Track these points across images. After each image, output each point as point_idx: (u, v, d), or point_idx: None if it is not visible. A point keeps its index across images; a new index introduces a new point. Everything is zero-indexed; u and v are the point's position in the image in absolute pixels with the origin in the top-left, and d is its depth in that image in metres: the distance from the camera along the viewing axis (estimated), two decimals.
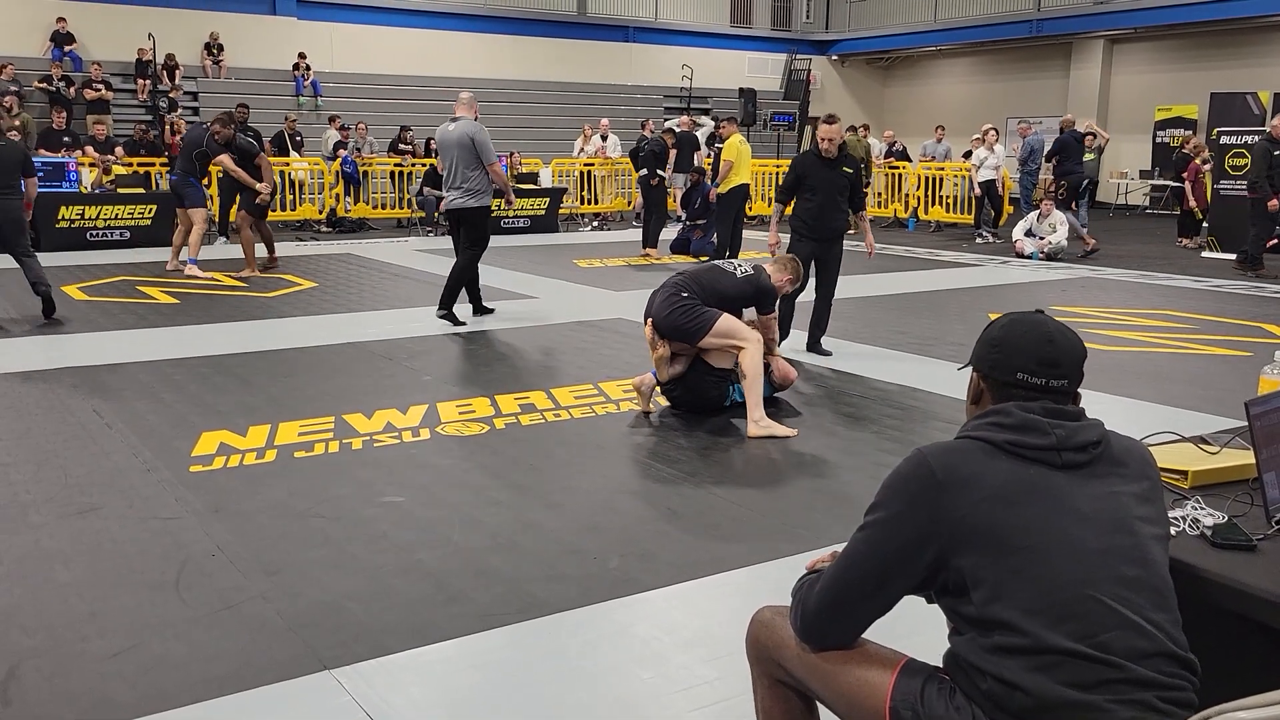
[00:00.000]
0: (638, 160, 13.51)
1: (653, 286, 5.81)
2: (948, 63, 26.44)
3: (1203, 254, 13.73)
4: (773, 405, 5.65)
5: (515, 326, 8.04)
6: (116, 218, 12.78)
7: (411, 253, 12.94)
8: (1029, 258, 13.03)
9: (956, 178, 17.40)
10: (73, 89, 16.62)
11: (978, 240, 15.18)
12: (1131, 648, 1.58)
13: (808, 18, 26.96)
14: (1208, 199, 14.54)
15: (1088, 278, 11.43)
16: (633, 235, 15.07)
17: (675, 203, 14.46)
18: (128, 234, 12.84)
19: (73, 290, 9.38)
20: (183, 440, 4.92)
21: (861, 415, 5.63)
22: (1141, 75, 22.22)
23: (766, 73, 25.48)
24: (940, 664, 1.75)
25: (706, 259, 10.67)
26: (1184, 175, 15.41)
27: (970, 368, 1.85)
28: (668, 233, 13.78)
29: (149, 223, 12.98)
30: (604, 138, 18.06)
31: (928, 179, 17.50)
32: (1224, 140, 13.95)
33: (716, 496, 4.30)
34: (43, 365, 6.43)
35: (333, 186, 16.02)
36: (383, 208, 16.47)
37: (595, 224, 17.32)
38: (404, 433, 5.12)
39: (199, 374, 6.28)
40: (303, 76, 19.38)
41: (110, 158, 14.23)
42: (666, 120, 19.80)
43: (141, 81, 17.84)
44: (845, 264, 7.16)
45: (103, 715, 2.61)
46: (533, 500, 4.22)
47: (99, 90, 16.71)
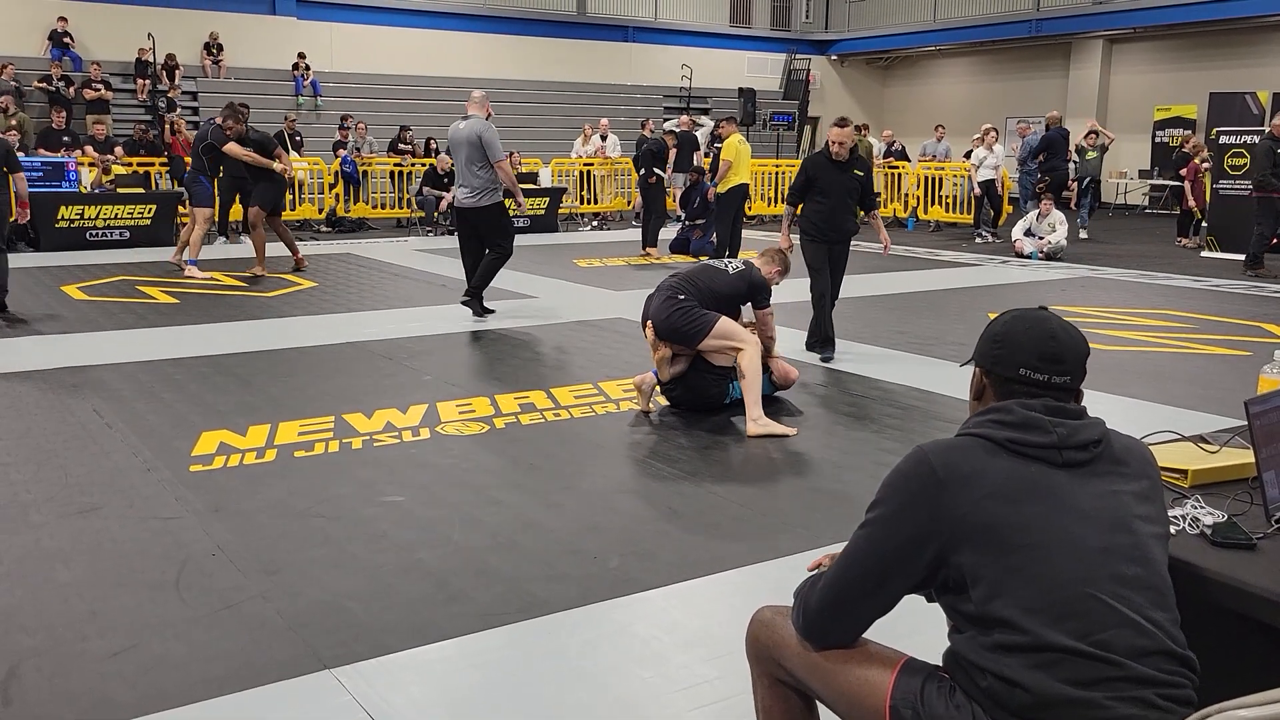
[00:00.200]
0: (644, 151, 13.49)
1: (651, 287, 5.81)
2: (947, 62, 26.45)
3: (1202, 254, 13.74)
4: (773, 404, 5.65)
5: (515, 326, 8.04)
6: (116, 217, 12.78)
7: (411, 252, 12.94)
8: (1028, 257, 13.04)
9: (956, 178, 17.41)
10: (72, 89, 16.61)
11: (977, 240, 15.19)
12: (1131, 645, 1.58)
13: (807, 17, 26.96)
14: (1206, 199, 14.55)
15: (1087, 277, 11.43)
16: (632, 235, 15.07)
17: (674, 202, 14.46)
18: (127, 234, 12.84)
19: (72, 290, 9.38)
20: (183, 440, 4.92)
21: (861, 415, 5.63)
22: (1141, 75, 22.23)
23: (766, 72, 25.49)
24: (940, 663, 1.75)
25: (706, 259, 10.67)
26: (1183, 174, 15.42)
27: (973, 364, 1.85)
28: (667, 232, 13.78)
29: (148, 222, 12.98)
30: (604, 137, 18.06)
31: (927, 179, 17.50)
32: (1223, 140, 13.95)
33: (716, 496, 4.30)
34: (43, 365, 6.42)
35: (332, 186, 16.02)
36: (382, 207, 16.47)
37: (595, 224, 17.33)
38: (404, 432, 5.13)
39: (199, 374, 6.29)
40: (302, 76, 19.37)
41: (110, 158, 14.23)
42: (666, 120, 19.80)
43: (141, 81, 17.84)
44: (849, 263, 7.15)
45: (103, 715, 2.61)
46: (533, 500, 4.22)
47: (98, 90, 16.71)
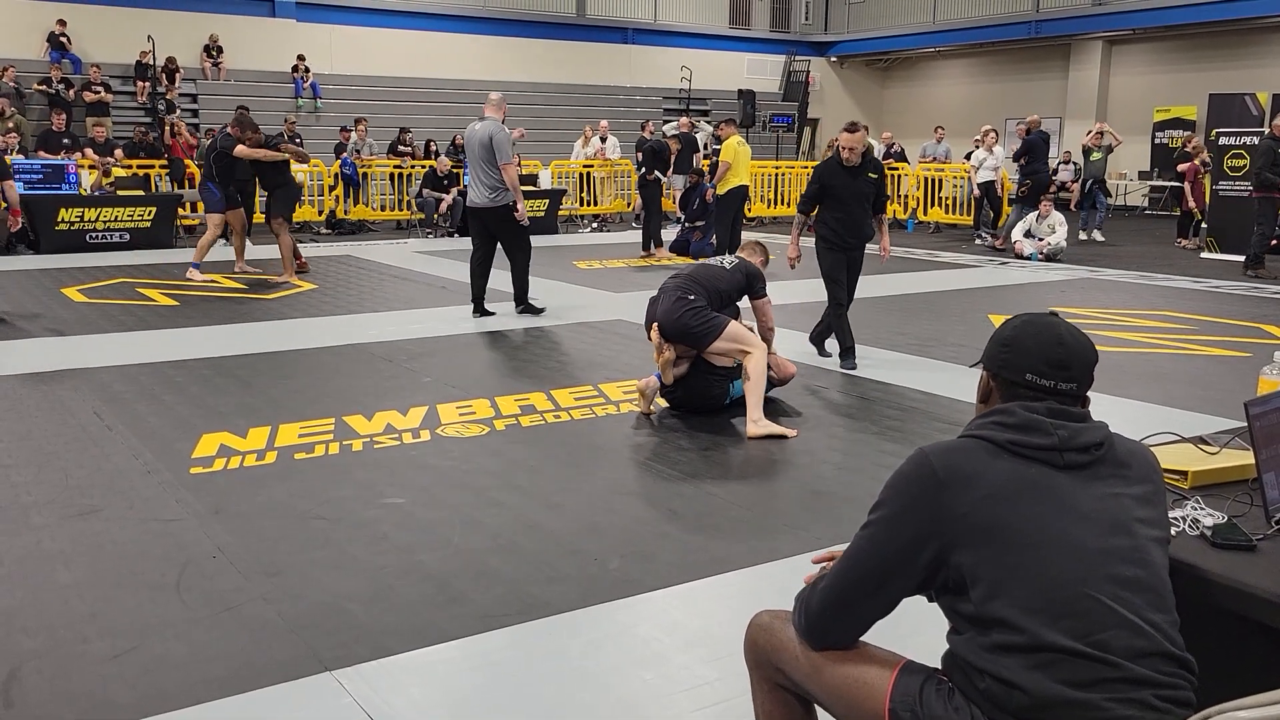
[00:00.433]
0: (646, 151, 13.48)
1: (651, 288, 5.82)
2: (947, 64, 26.47)
3: (1201, 255, 13.75)
4: (771, 405, 5.65)
5: (514, 328, 8.05)
6: (116, 220, 12.79)
7: (411, 254, 12.94)
8: (1028, 259, 13.04)
9: (956, 179, 17.41)
10: (72, 91, 16.62)
11: (977, 241, 15.19)
12: (1129, 647, 1.58)
13: (806, 19, 26.98)
14: (1206, 200, 14.56)
15: (1087, 279, 11.43)
16: (632, 237, 15.08)
17: (674, 204, 14.46)
18: (127, 236, 12.85)
19: (72, 292, 9.38)
20: (183, 442, 4.93)
21: (861, 416, 5.63)
22: (1140, 76, 22.25)
23: (765, 74, 25.50)
24: (939, 665, 1.75)
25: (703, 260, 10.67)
26: (1183, 170, 15.43)
27: (981, 366, 1.86)
28: (666, 234, 13.79)
29: (148, 225, 12.99)
30: (603, 139, 18.07)
31: (927, 180, 17.51)
32: (1222, 141, 13.96)
33: (717, 497, 4.30)
34: (43, 367, 6.43)
35: (332, 189, 16.03)
36: (382, 209, 16.47)
37: (594, 225, 17.33)
38: (404, 434, 5.13)
39: (199, 376, 6.29)
40: (302, 78, 19.38)
41: (110, 160, 14.23)
42: (666, 121, 19.80)
43: (141, 84, 17.85)
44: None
45: (104, 716, 2.62)
46: (533, 501, 4.22)
47: (98, 93, 16.72)
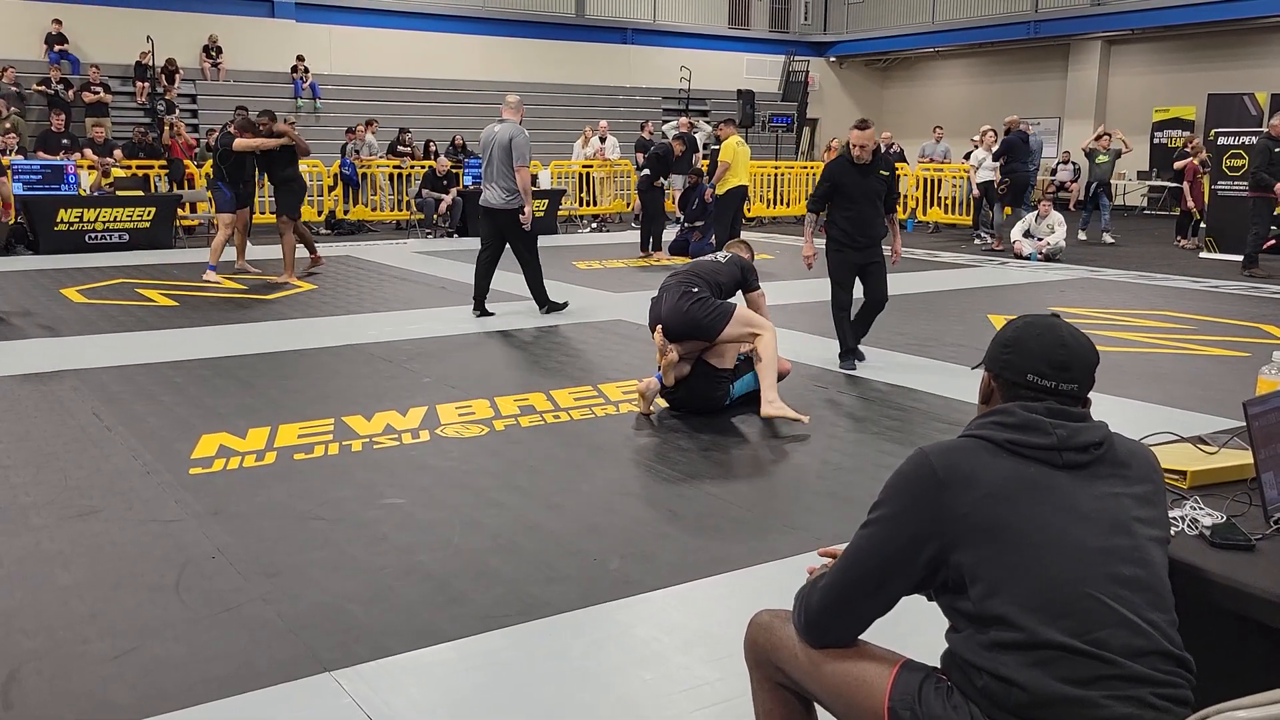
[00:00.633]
0: (651, 158, 13.45)
1: (652, 288, 5.83)
2: (946, 64, 26.48)
3: (1200, 254, 13.76)
4: None
5: (514, 328, 8.05)
6: (115, 220, 12.79)
7: (410, 255, 12.94)
8: (1027, 258, 13.05)
9: (955, 179, 17.42)
10: (71, 92, 16.62)
11: (976, 241, 15.19)
12: (1127, 645, 1.59)
13: (805, 19, 26.98)
14: (1205, 200, 14.57)
15: (1086, 278, 11.44)
16: (632, 237, 15.08)
17: (673, 204, 14.46)
18: (126, 236, 12.85)
19: (71, 293, 9.38)
20: (182, 442, 4.92)
21: (861, 416, 5.64)
22: (1139, 76, 22.26)
23: (764, 74, 25.50)
24: (938, 664, 1.76)
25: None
26: (1182, 173, 15.44)
27: (983, 368, 1.86)
28: (665, 234, 13.78)
29: (148, 225, 12.99)
30: (603, 139, 18.07)
31: (926, 180, 17.51)
32: (1221, 141, 13.97)
33: (716, 497, 4.30)
34: (42, 368, 6.42)
35: (331, 189, 16.02)
36: (381, 210, 16.47)
37: (594, 225, 17.33)
38: (404, 434, 5.13)
39: (198, 376, 6.29)
40: (301, 79, 19.38)
41: (109, 160, 14.23)
42: (665, 122, 19.80)
43: (140, 84, 17.85)
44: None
45: (103, 717, 2.62)
46: (533, 502, 4.22)
47: (97, 93, 16.72)
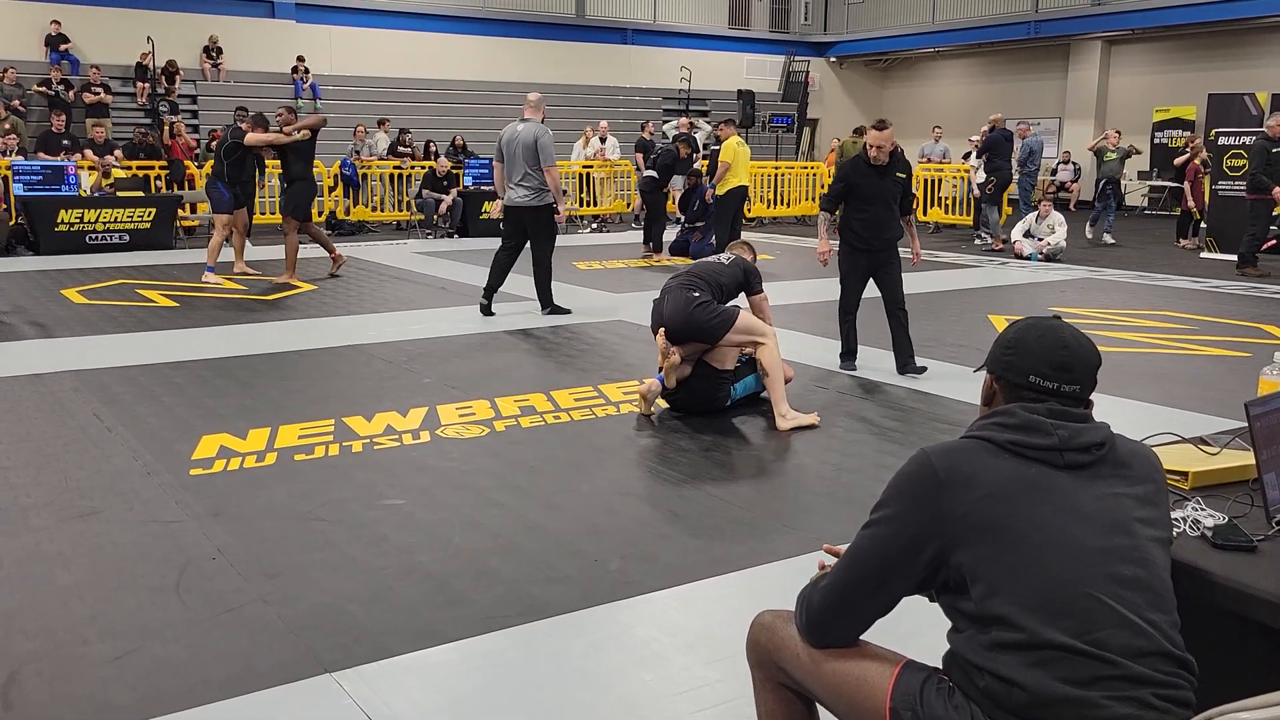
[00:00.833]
0: (655, 167, 13.43)
1: (652, 288, 5.83)
2: (946, 64, 26.48)
3: (1201, 255, 13.76)
4: (767, 404, 5.63)
5: (514, 328, 8.04)
6: (116, 221, 12.79)
7: (410, 255, 12.94)
8: (1028, 259, 13.04)
9: (955, 179, 17.41)
10: (71, 93, 16.63)
11: (976, 241, 15.18)
12: (1128, 645, 1.59)
13: (805, 19, 26.98)
14: (1205, 200, 14.57)
15: (1086, 279, 11.44)
16: (632, 237, 15.08)
17: (674, 204, 14.46)
18: (127, 237, 12.85)
19: (72, 293, 9.38)
20: (183, 443, 4.92)
21: (862, 417, 5.63)
22: (1139, 76, 22.25)
23: (764, 74, 25.50)
24: (940, 664, 1.76)
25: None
26: (1184, 173, 15.45)
27: (985, 369, 1.86)
28: (666, 235, 13.79)
29: (148, 226, 12.99)
30: (603, 140, 18.07)
31: (926, 180, 17.50)
32: (1222, 141, 13.97)
33: (717, 498, 4.30)
34: (43, 368, 6.42)
35: (331, 189, 16.02)
36: (382, 210, 16.47)
37: (594, 226, 17.33)
38: (404, 435, 5.13)
39: (199, 377, 6.28)
40: (301, 79, 19.39)
41: (109, 160, 14.22)
42: (665, 122, 19.80)
43: (141, 85, 17.85)
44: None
45: (104, 718, 2.61)
46: (533, 502, 4.22)
47: (98, 94, 16.72)
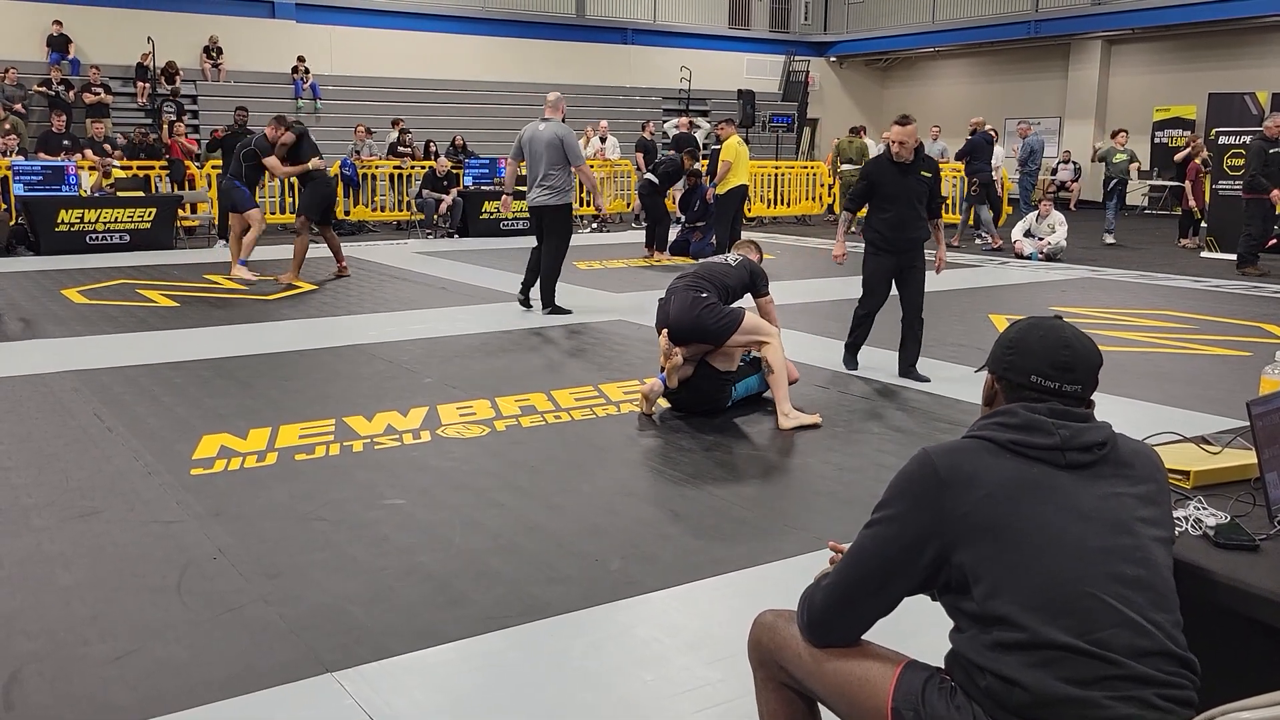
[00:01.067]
0: (657, 173, 13.43)
1: (653, 288, 5.82)
2: (946, 64, 26.48)
3: (1202, 254, 13.75)
4: (768, 405, 5.64)
5: (515, 328, 8.04)
6: (116, 221, 12.79)
7: (411, 255, 12.94)
8: (1028, 258, 13.04)
9: (954, 178, 17.40)
10: (72, 93, 16.63)
11: (976, 241, 15.18)
12: (1130, 645, 1.59)
13: (806, 19, 26.98)
14: (1206, 199, 14.58)
15: (1087, 278, 11.43)
16: (632, 237, 15.08)
17: (674, 204, 14.46)
18: (127, 237, 12.85)
19: (72, 293, 9.38)
20: (184, 443, 4.92)
21: (864, 416, 5.63)
22: (1140, 76, 22.25)
23: (765, 74, 25.50)
24: (942, 664, 1.76)
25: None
26: (1185, 172, 15.45)
27: (986, 369, 1.86)
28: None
29: (148, 226, 12.98)
30: (603, 139, 18.06)
31: None
32: (1222, 140, 13.97)
33: (718, 498, 4.30)
34: (43, 369, 6.42)
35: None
36: (382, 210, 16.47)
37: (594, 226, 17.33)
38: (405, 435, 5.12)
39: (199, 377, 6.28)
40: (301, 79, 19.39)
41: (110, 161, 14.22)
42: (665, 122, 19.79)
43: (141, 85, 17.85)
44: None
45: (105, 719, 2.61)
46: (534, 502, 4.22)
47: (98, 94, 16.72)
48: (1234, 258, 12.21)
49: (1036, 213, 13.56)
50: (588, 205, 17.76)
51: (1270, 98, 18.70)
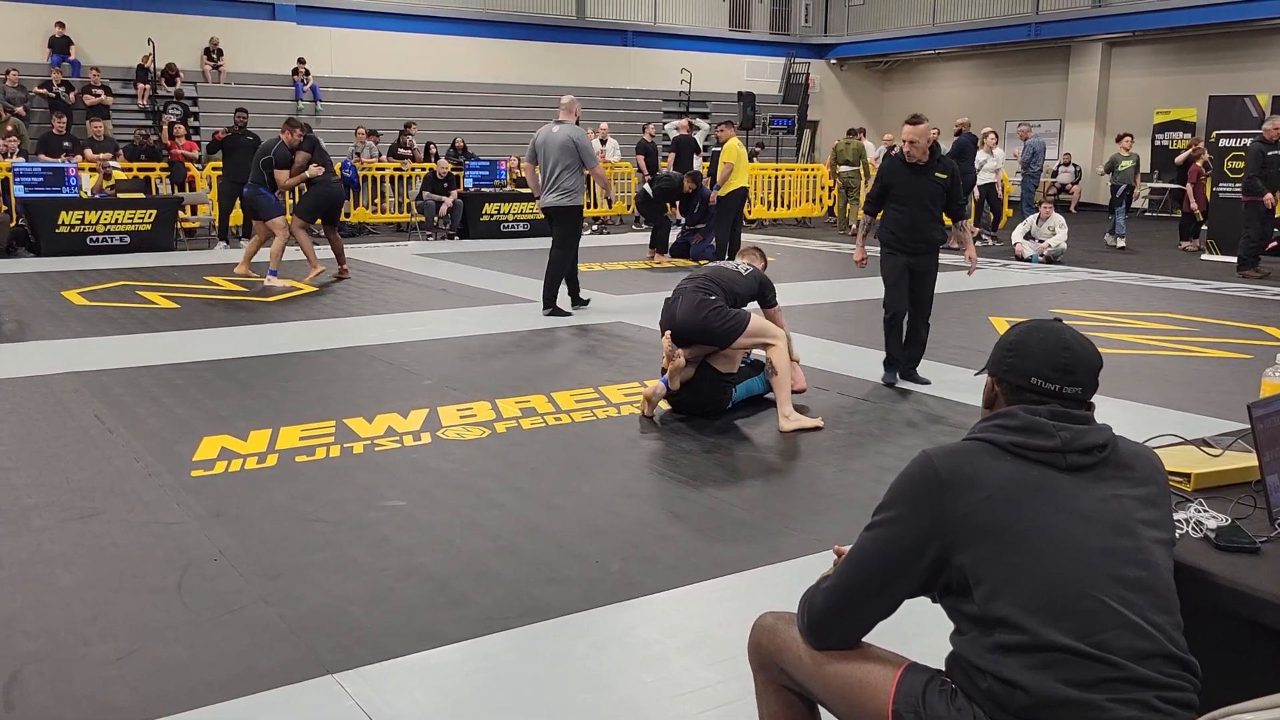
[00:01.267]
0: (655, 189, 13.42)
1: (654, 289, 5.82)
2: (946, 66, 26.49)
3: (1202, 257, 13.76)
4: (769, 406, 5.64)
5: (515, 330, 8.04)
6: (116, 222, 12.79)
7: (411, 257, 12.94)
8: (1029, 261, 13.04)
9: None
10: (73, 94, 16.64)
11: (977, 243, 15.19)
12: (1131, 648, 1.59)
13: (806, 21, 27.00)
14: (1207, 201, 14.58)
15: (1088, 280, 11.44)
16: (632, 239, 15.09)
17: (674, 208, 14.45)
18: (128, 239, 12.84)
19: (73, 295, 9.38)
20: (184, 445, 4.92)
21: (863, 418, 5.63)
22: (1140, 78, 22.26)
23: (765, 76, 25.52)
24: (943, 666, 1.76)
25: (705, 263, 10.68)
26: (1186, 174, 15.45)
27: (986, 372, 1.86)
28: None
29: (149, 227, 12.98)
30: (603, 141, 18.06)
31: None
32: (1223, 143, 13.98)
33: (718, 499, 4.30)
34: (44, 370, 6.42)
35: None
36: (382, 212, 16.47)
37: (595, 227, 17.33)
38: (405, 436, 5.12)
39: (200, 378, 6.28)
40: (302, 81, 19.40)
41: (110, 162, 14.21)
42: (665, 123, 19.79)
43: (142, 86, 17.85)
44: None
45: (104, 719, 2.61)
46: (534, 503, 4.22)
47: (99, 95, 16.73)
48: (1234, 260, 12.22)
49: (1037, 215, 13.56)
50: (588, 207, 17.79)
51: (1271, 100, 18.71)
